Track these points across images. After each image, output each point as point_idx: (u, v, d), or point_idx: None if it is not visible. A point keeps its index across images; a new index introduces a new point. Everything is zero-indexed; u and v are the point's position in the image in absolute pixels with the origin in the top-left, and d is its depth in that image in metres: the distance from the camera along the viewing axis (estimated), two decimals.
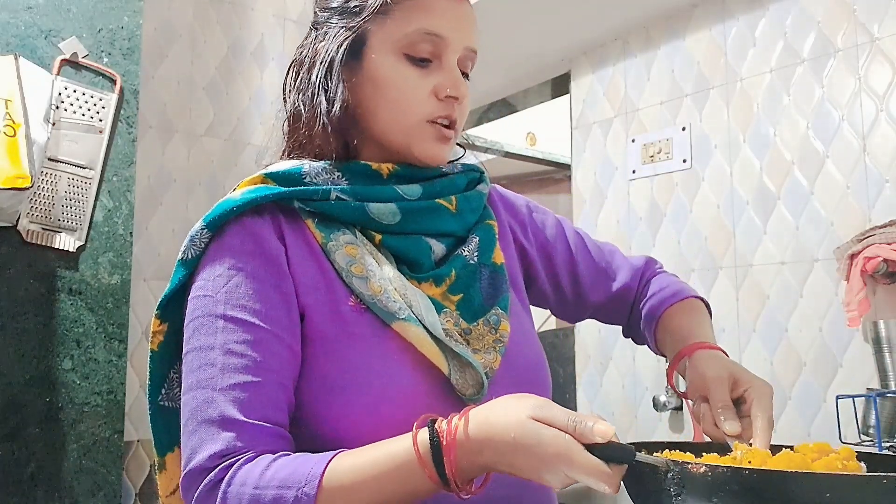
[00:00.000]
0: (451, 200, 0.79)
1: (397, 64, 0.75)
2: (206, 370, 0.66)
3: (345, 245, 0.73)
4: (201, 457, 0.63)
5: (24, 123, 1.42)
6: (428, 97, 0.75)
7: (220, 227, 0.72)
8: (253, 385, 0.65)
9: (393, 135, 0.76)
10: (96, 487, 1.49)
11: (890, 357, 1.38)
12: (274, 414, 0.66)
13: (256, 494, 0.60)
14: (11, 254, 1.45)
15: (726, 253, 1.74)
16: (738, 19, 1.76)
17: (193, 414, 0.65)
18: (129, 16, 1.65)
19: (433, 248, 0.77)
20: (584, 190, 2.12)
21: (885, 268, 1.38)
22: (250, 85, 2.18)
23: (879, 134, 1.49)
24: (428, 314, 0.71)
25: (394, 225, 0.75)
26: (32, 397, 1.44)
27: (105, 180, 1.58)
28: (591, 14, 1.91)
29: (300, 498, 0.58)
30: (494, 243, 0.82)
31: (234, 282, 0.69)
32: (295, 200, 0.74)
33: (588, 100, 2.13)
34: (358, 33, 0.76)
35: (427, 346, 0.69)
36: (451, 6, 0.76)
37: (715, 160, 1.79)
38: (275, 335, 0.68)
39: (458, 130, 0.79)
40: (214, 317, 0.68)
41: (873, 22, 1.51)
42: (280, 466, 0.61)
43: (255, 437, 0.64)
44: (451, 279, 0.77)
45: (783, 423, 1.59)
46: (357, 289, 0.71)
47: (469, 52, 0.78)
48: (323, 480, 0.59)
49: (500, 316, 0.76)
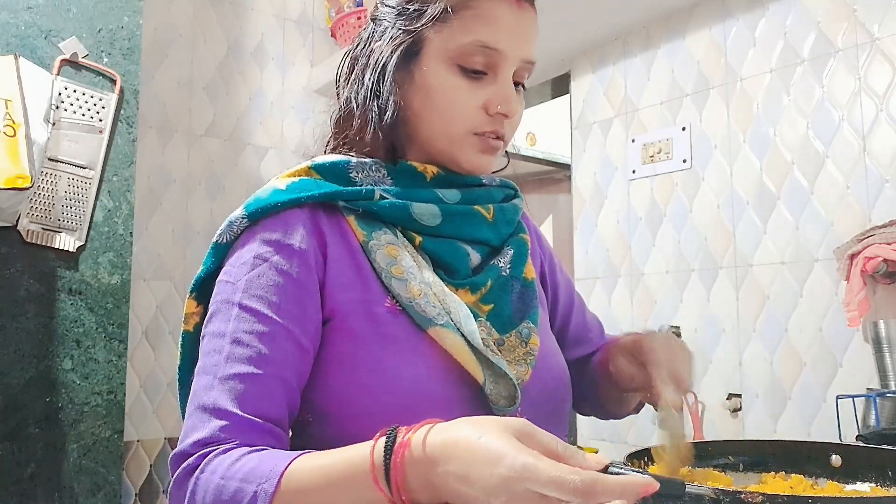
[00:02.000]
0: (488, 209, 0.79)
1: (450, 74, 0.74)
2: (213, 356, 0.67)
3: (386, 245, 0.72)
4: (187, 442, 0.64)
5: (24, 123, 1.42)
6: (477, 110, 0.74)
7: (258, 217, 0.72)
8: (252, 377, 0.65)
9: (439, 142, 0.76)
10: (96, 487, 1.49)
11: (890, 357, 1.38)
12: (268, 408, 0.66)
13: (221, 485, 0.60)
14: (11, 254, 1.45)
15: (726, 253, 1.74)
16: (738, 19, 1.76)
17: (193, 397, 0.67)
18: (129, 16, 1.65)
19: (470, 255, 0.77)
20: (584, 190, 2.12)
21: (885, 268, 1.38)
22: (250, 85, 2.18)
23: (879, 134, 1.49)
24: (467, 322, 0.70)
25: (434, 227, 0.75)
26: (32, 397, 1.44)
27: (105, 180, 1.58)
28: (591, 14, 1.91)
29: (258, 493, 0.58)
30: (527, 258, 0.82)
31: (257, 272, 0.69)
32: (340, 200, 0.74)
33: (588, 100, 2.13)
34: (414, 38, 0.75)
35: (464, 354, 0.68)
36: (512, 17, 0.74)
37: (715, 160, 1.79)
38: (286, 329, 0.68)
39: (506, 144, 0.79)
40: (231, 304, 0.68)
41: (873, 22, 1.51)
42: (248, 460, 0.61)
43: (243, 429, 0.64)
44: (486, 288, 0.76)
45: (783, 423, 1.59)
46: (395, 290, 0.70)
47: (526, 63, 0.77)
48: (282, 479, 0.59)
49: (531, 329, 0.76)
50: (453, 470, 0.51)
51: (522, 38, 0.75)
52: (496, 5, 0.73)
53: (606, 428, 1.97)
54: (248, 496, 0.59)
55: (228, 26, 2.14)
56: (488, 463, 0.49)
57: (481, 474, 0.49)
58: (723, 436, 1.68)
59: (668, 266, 1.87)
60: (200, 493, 0.61)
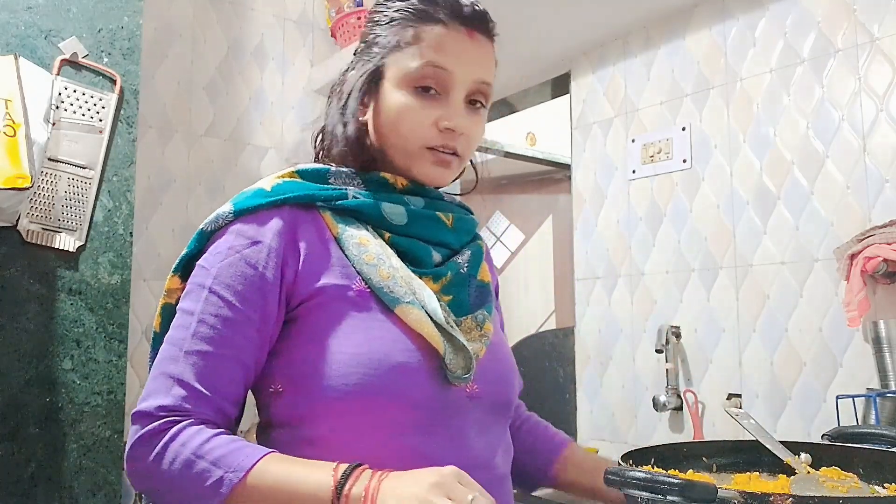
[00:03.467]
0: (448, 216, 0.89)
1: (405, 95, 0.83)
2: (181, 331, 0.76)
3: (358, 236, 0.81)
4: (151, 403, 0.73)
5: (24, 123, 1.42)
6: (429, 127, 0.83)
7: (242, 214, 0.80)
8: (213, 356, 0.74)
9: (398, 156, 0.86)
10: (96, 487, 1.49)
11: (890, 357, 1.38)
12: (224, 386, 0.75)
13: (191, 460, 0.69)
14: (11, 254, 1.45)
15: (726, 253, 1.74)
16: (738, 19, 1.76)
17: (159, 363, 0.76)
18: (129, 16, 1.65)
19: (433, 253, 0.86)
20: (584, 190, 2.12)
21: (885, 268, 1.38)
22: (250, 85, 2.18)
23: (879, 134, 1.49)
24: (430, 301, 0.79)
25: (401, 226, 0.85)
26: (32, 397, 1.44)
27: (105, 180, 1.58)
28: (591, 14, 1.91)
29: (223, 479, 0.67)
30: (481, 260, 0.92)
31: (229, 261, 0.77)
32: (318, 201, 0.83)
33: (588, 100, 2.13)
34: (377, 66, 0.86)
35: (427, 328, 0.77)
36: (462, 44, 0.84)
37: (715, 160, 1.79)
38: (248, 317, 0.76)
39: (464, 157, 0.88)
40: (203, 287, 0.77)
41: (873, 22, 1.51)
42: (220, 443, 0.70)
43: (200, 403, 0.73)
44: (446, 279, 0.85)
45: (783, 423, 1.59)
46: (366, 275, 0.79)
47: (480, 84, 0.86)
48: (248, 475, 0.67)
49: (486, 317, 0.86)
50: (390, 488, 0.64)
51: (473, 62, 0.85)
52: (446, 35, 0.83)
53: (606, 428, 1.97)
54: (214, 478, 0.67)
55: (228, 26, 2.14)
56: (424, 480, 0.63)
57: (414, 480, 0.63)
58: (723, 436, 1.68)
59: (668, 266, 1.87)
60: (169, 458, 0.70)
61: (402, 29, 0.84)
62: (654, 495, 0.59)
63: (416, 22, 0.84)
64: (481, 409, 0.81)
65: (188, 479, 0.69)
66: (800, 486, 0.79)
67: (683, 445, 0.91)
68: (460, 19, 0.84)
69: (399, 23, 0.85)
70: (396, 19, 0.86)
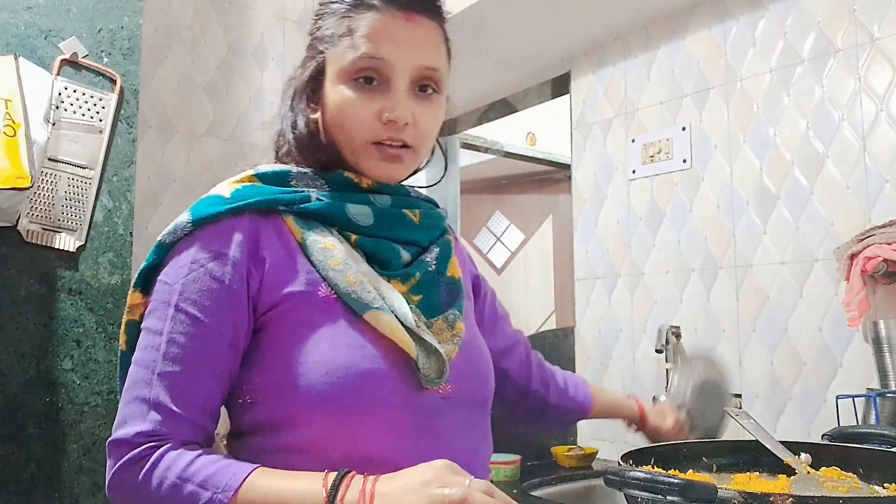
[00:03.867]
0: (415, 213, 0.86)
1: (346, 89, 0.80)
2: (151, 352, 0.73)
3: (323, 241, 0.78)
4: (128, 430, 0.70)
5: (24, 123, 1.42)
6: (372, 120, 0.79)
7: (201, 224, 0.77)
8: (187, 376, 0.72)
9: (346, 153, 0.83)
10: (96, 487, 1.49)
11: (890, 357, 1.38)
12: (200, 404, 0.73)
13: (177, 484, 0.67)
14: (11, 254, 1.45)
15: (726, 253, 1.74)
16: (738, 19, 1.76)
17: (131, 387, 0.73)
18: (129, 16, 1.65)
19: (401, 252, 0.83)
20: (584, 190, 2.12)
21: (885, 268, 1.38)
22: (250, 85, 2.18)
23: (879, 134, 1.49)
24: (400, 305, 0.77)
25: (367, 227, 0.82)
26: (32, 397, 1.44)
27: (105, 180, 1.58)
28: (591, 14, 1.91)
29: (212, 500, 0.65)
30: (450, 255, 0.89)
31: (193, 276, 0.74)
32: (279, 206, 0.79)
33: (588, 100, 2.13)
34: (319, 62, 0.83)
35: (398, 332, 0.74)
36: (400, 29, 0.80)
37: (715, 160, 1.79)
38: (217, 332, 0.73)
39: (418, 148, 0.83)
40: (168, 305, 0.74)
41: (873, 22, 1.51)
42: (204, 464, 0.68)
43: (179, 425, 0.71)
44: (415, 279, 0.83)
45: (783, 423, 1.59)
46: (333, 280, 0.76)
47: (424, 69, 0.81)
48: (238, 493, 0.66)
49: (457, 316, 0.83)
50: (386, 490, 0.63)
51: (412, 47, 0.80)
52: (382, 21, 0.80)
53: (606, 428, 1.97)
54: (203, 500, 0.66)
55: (228, 26, 2.14)
56: (417, 476, 0.63)
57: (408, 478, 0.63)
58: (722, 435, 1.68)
59: (668, 266, 1.87)
60: (154, 482, 0.68)
61: (339, 21, 0.81)
62: (654, 495, 0.59)
63: (350, 11, 0.81)
64: (458, 410, 0.79)
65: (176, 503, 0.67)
66: (800, 486, 0.79)
67: (683, 445, 0.91)
68: (396, 3, 0.80)
69: (335, 14, 0.82)
70: (332, 11, 0.83)
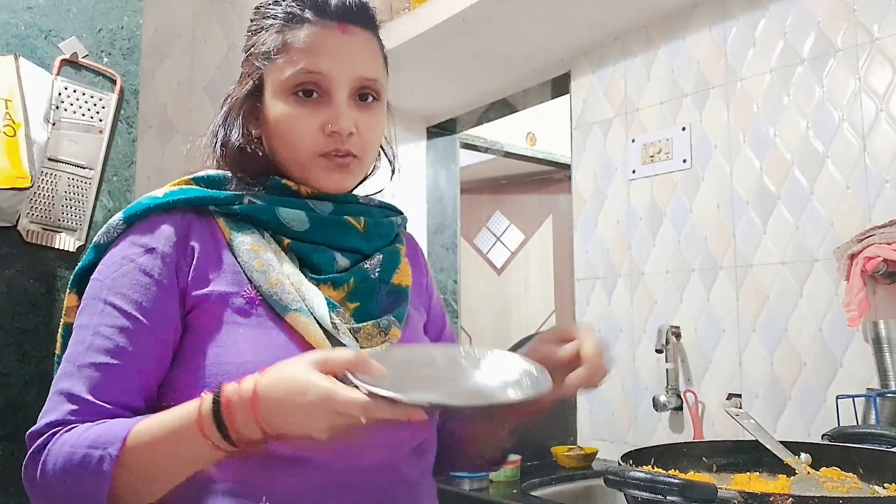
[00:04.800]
0: (359, 221, 0.85)
1: (286, 104, 0.80)
2: (76, 346, 0.73)
3: (250, 242, 0.78)
4: (42, 422, 0.71)
5: (24, 123, 1.42)
6: (316, 133, 0.79)
7: (133, 221, 0.78)
8: (108, 367, 0.71)
9: (292, 168, 0.82)
10: None
11: (890, 357, 1.38)
12: (122, 397, 0.71)
13: (70, 452, 0.67)
14: (11, 254, 1.45)
15: (726, 253, 1.74)
16: (738, 19, 1.76)
17: (55, 381, 0.73)
18: (129, 16, 1.65)
19: (337, 259, 0.82)
20: (584, 190, 2.12)
21: (885, 268, 1.38)
22: None
23: (879, 134, 1.49)
24: (319, 307, 0.76)
25: (302, 232, 0.81)
26: (32, 397, 1.44)
27: (105, 180, 1.58)
28: (591, 14, 1.91)
29: (104, 458, 0.65)
30: (398, 264, 0.87)
31: (122, 271, 0.75)
32: (210, 204, 0.80)
33: (588, 100, 2.13)
34: (256, 78, 0.82)
35: (314, 335, 0.74)
36: (333, 42, 0.80)
37: (715, 160, 1.79)
38: (145, 326, 0.73)
39: (363, 157, 0.83)
40: (97, 300, 0.74)
41: (873, 22, 1.51)
42: (96, 428, 0.67)
43: (92, 415, 0.69)
44: (349, 286, 0.81)
45: (783, 423, 1.59)
46: (257, 281, 0.76)
47: (364, 80, 0.81)
48: (126, 441, 0.65)
49: (392, 322, 0.81)
50: (272, 403, 0.62)
51: (349, 59, 0.80)
52: (317, 35, 0.79)
53: (606, 428, 1.97)
54: (94, 460, 0.65)
55: (228, 26, 2.14)
56: (298, 394, 0.61)
57: (294, 403, 0.61)
58: (723, 436, 1.68)
59: (668, 266, 1.87)
60: (51, 462, 0.68)
61: (273, 36, 0.81)
62: (654, 495, 0.60)
63: (285, 26, 0.80)
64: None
65: (73, 472, 0.66)
66: (800, 486, 0.79)
67: (683, 445, 0.91)
68: (329, 15, 0.80)
69: (268, 30, 0.82)
70: (266, 27, 0.82)
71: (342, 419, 0.61)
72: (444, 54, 2.15)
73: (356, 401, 0.60)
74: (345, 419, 0.60)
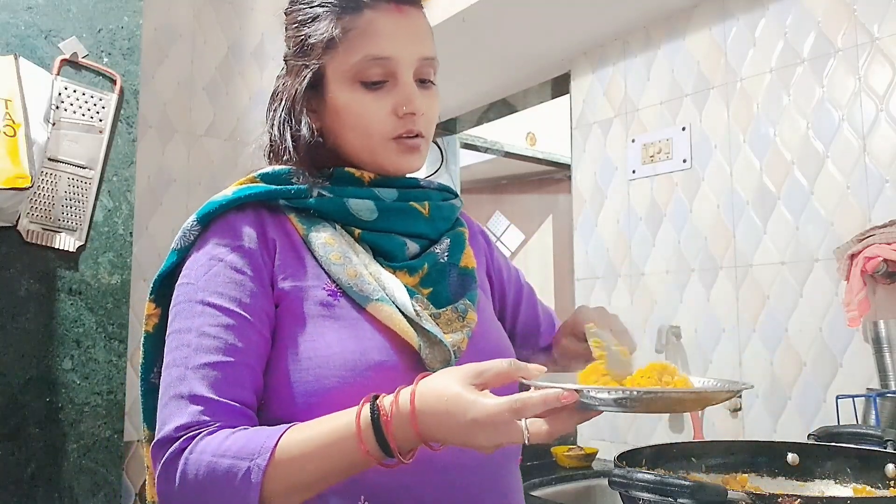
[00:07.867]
0: (424, 206, 0.85)
1: (353, 91, 0.80)
2: (182, 350, 0.72)
3: (325, 236, 0.79)
4: (168, 428, 0.68)
5: (24, 123, 1.42)
6: (388, 117, 0.80)
7: (207, 222, 0.78)
8: (223, 364, 0.70)
9: (362, 154, 0.82)
10: (96, 487, 1.49)
11: (890, 357, 1.38)
12: (241, 393, 0.71)
13: (213, 462, 0.65)
14: (11, 254, 1.45)
15: (726, 253, 1.74)
16: (738, 19, 1.76)
17: (166, 389, 0.71)
18: (129, 16, 1.65)
19: (407, 245, 0.83)
20: (584, 190, 2.12)
21: (885, 268, 1.38)
22: (250, 85, 2.18)
23: (879, 134, 1.49)
24: (400, 295, 0.77)
25: (371, 222, 0.81)
26: (32, 397, 1.44)
27: (105, 180, 1.58)
28: (591, 14, 1.91)
29: (251, 469, 0.63)
30: (464, 247, 0.87)
31: (214, 271, 0.75)
32: (280, 199, 0.80)
33: (588, 100, 2.13)
34: (315, 69, 0.81)
35: (399, 323, 0.74)
36: (394, 24, 0.80)
37: (715, 160, 1.79)
38: (247, 320, 0.73)
39: (429, 138, 0.84)
40: (194, 302, 0.74)
41: (873, 22, 1.51)
42: (237, 438, 0.66)
43: (221, 413, 0.69)
44: (423, 271, 0.82)
45: (783, 423, 1.59)
46: (335, 275, 0.76)
47: (424, 61, 0.82)
48: (275, 453, 0.64)
49: (468, 306, 0.82)
50: (435, 420, 0.62)
51: (411, 40, 0.81)
52: (376, 19, 0.79)
53: (606, 428, 1.97)
54: (241, 471, 0.63)
55: (228, 26, 2.14)
56: (459, 414, 0.60)
57: (457, 422, 0.61)
58: (723, 436, 1.68)
59: (668, 266, 1.87)
60: (192, 471, 0.65)
61: (330, 24, 0.80)
62: (664, 498, 0.59)
63: (342, 13, 0.79)
64: None
65: (217, 483, 0.64)
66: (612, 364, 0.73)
67: (672, 446, 0.91)
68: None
69: (324, 18, 0.80)
70: (319, 16, 0.81)
71: (506, 436, 0.60)
72: (444, 54, 2.14)
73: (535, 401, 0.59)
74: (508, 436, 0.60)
